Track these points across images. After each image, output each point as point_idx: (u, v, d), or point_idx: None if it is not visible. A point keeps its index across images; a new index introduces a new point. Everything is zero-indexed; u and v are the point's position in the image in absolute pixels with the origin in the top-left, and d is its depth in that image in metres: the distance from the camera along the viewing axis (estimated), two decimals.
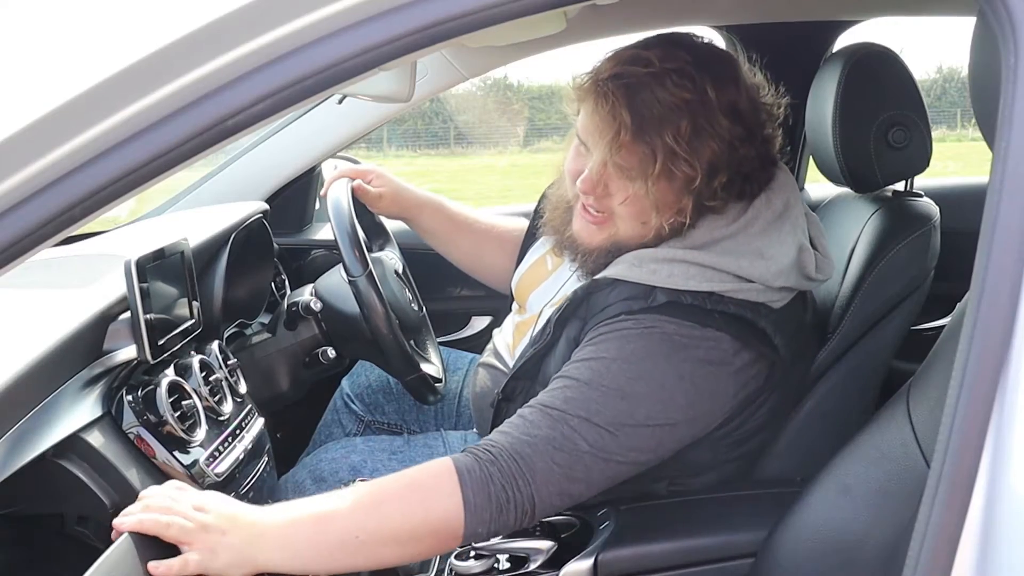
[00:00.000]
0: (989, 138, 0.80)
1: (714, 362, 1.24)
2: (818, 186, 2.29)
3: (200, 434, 1.37)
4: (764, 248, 1.28)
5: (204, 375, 1.46)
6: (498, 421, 1.29)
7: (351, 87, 0.98)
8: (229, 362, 1.56)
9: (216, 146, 0.80)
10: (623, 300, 1.26)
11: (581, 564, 1.23)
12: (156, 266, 1.35)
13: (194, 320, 1.48)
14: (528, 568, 1.25)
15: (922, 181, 1.59)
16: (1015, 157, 0.73)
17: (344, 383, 1.92)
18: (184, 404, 1.36)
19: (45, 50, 0.80)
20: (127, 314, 1.32)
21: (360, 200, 1.71)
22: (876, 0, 2.08)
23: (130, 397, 1.31)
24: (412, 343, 1.68)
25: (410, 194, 1.79)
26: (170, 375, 1.37)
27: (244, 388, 1.58)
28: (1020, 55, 0.73)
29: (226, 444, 1.44)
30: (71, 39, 0.81)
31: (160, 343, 1.34)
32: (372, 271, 1.57)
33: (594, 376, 1.21)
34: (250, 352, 1.73)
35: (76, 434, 1.19)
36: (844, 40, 2.16)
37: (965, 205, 1.22)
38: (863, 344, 1.42)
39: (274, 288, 1.98)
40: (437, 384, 1.69)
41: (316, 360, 1.74)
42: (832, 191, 1.74)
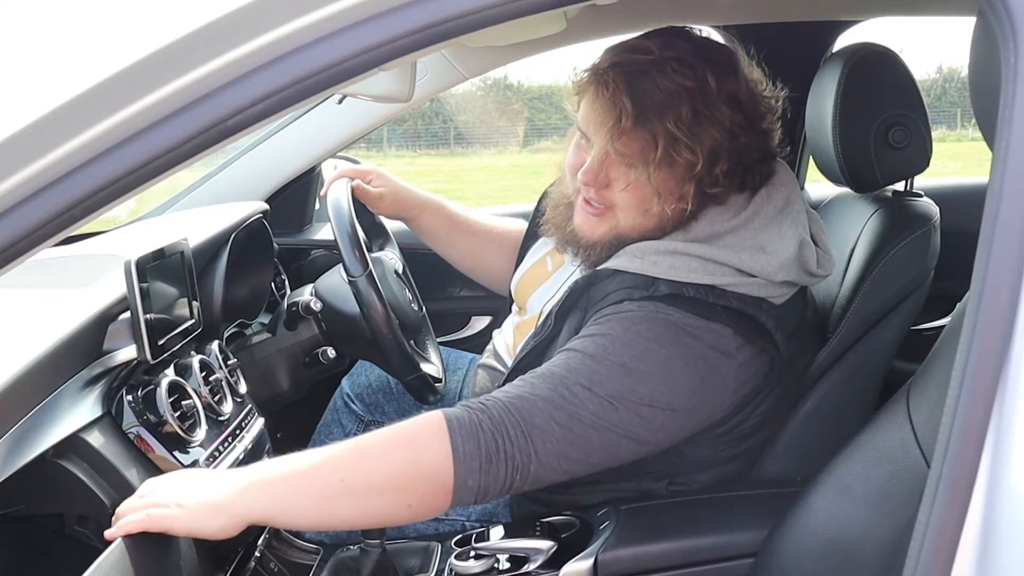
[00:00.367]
0: (989, 138, 0.80)
1: (718, 354, 1.24)
2: (818, 186, 2.29)
3: (200, 434, 1.37)
4: (765, 243, 1.28)
5: (204, 375, 1.46)
6: None
7: (351, 87, 0.97)
8: (229, 362, 1.56)
9: (216, 146, 0.80)
10: (625, 288, 1.26)
11: (581, 564, 1.23)
12: (156, 266, 1.35)
13: (194, 320, 1.47)
14: (528, 568, 1.25)
15: (922, 181, 1.59)
16: (1015, 157, 0.73)
17: (344, 383, 1.91)
18: (184, 404, 1.36)
19: (45, 50, 0.80)
20: (127, 314, 1.32)
21: (360, 200, 1.71)
22: (876, 0, 2.08)
23: (130, 397, 1.31)
24: (412, 343, 1.68)
25: (410, 194, 1.79)
26: (170, 375, 1.37)
27: (244, 388, 1.58)
28: (1020, 55, 0.73)
29: (226, 444, 1.43)
30: (71, 39, 0.81)
31: (160, 343, 1.34)
32: (372, 271, 1.57)
33: (599, 350, 1.20)
34: (250, 352, 1.73)
35: (76, 434, 1.19)
36: (844, 40, 2.16)
37: (965, 205, 1.22)
38: (863, 344, 1.42)
39: (274, 288, 1.98)
40: (437, 384, 1.69)
41: (316, 360, 1.73)
42: (832, 191, 1.74)
